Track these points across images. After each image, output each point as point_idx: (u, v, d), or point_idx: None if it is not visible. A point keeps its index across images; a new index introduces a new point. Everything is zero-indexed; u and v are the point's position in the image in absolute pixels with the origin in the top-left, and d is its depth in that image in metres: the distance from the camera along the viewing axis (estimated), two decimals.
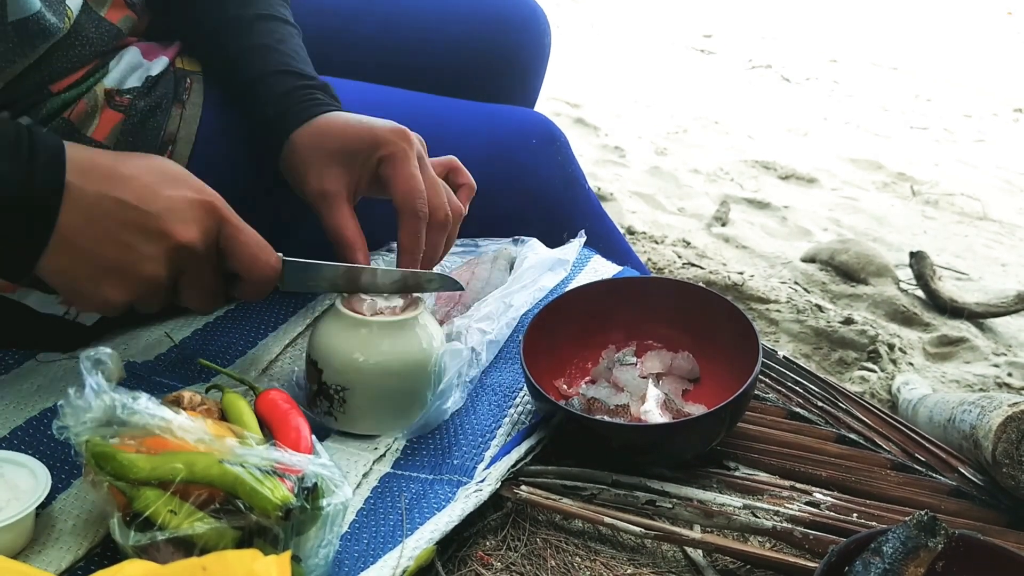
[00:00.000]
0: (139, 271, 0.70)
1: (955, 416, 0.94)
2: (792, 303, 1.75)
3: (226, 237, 0.74)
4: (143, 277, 0.70)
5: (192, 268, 0.73)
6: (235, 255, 0.75)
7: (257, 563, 0.54)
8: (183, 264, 0.72)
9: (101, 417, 0.62)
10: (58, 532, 0.68)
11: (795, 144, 3.14)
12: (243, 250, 0.75)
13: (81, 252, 0.69)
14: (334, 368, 0.81)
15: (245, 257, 0.76)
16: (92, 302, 0.71)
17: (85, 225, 0.68)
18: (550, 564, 0.72)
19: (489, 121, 1.15)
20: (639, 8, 5.16)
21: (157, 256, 0.70)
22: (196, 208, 0.72)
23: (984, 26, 5.54)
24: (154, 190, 0.71)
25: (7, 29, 0.75)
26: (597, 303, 0.97)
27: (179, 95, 0.92)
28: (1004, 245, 2.40)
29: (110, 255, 0.69)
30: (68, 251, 0.68)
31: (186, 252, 0.71)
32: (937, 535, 0.64)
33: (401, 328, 0.82)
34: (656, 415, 0.85)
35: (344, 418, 0.83)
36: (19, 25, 0.75)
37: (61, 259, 0.69)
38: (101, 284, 0.70)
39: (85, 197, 0.68)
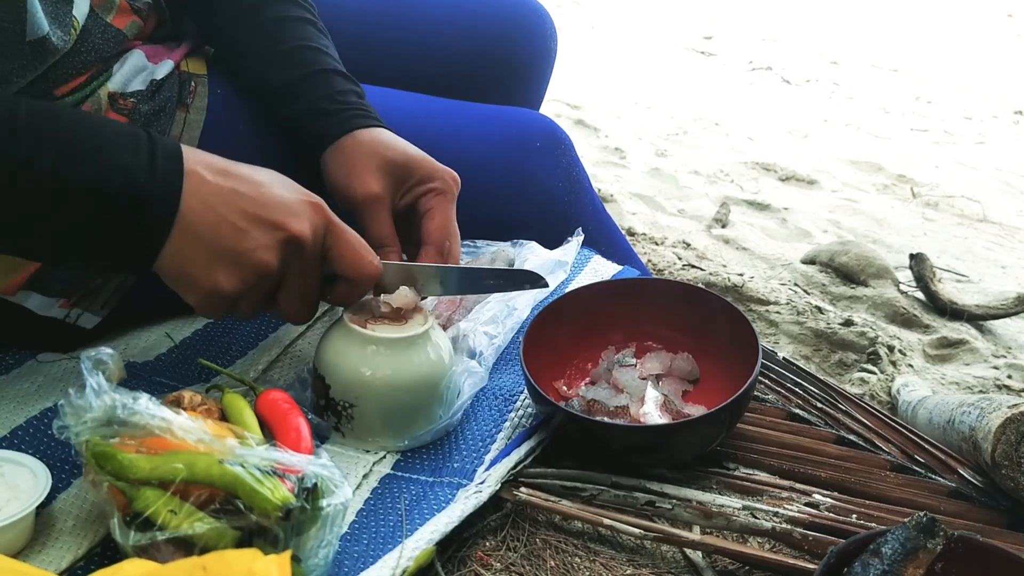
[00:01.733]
0: (252, 258, 0.72)
1: (954, 418, 0.94)
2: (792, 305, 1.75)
3: (332, 236, 0.77)
4: (255, 264, 0.72)
5: (300, 263, 0.75)
6: (341, 255, 0.77)
7: (257, 563, 0.54)
8: (292, 257, 0.74)
9: (101, 417, 0.62)
10: (58, 532, 0.68)
11: (795, 146, 3.14)
12: (349, 252, 0.77)
13: (199, 237, 0.71)
14: (342, 383, 0.81)
15: (351, 257, 0.78)
16: (203, 288, 0.72)
17: (204, 210, 0.71)
18: (549, 565, 0.72)
19: (493, 123, 1.15)
20: (639, 10, 5.16)
21: (270, 245, 0.72)
22: (307, 206, 0.75)
23: (984, 28, 5.54)
24: (268, 186, 0.74)
25: (24, 49, 0.76)
26: (597, 304, 0.97)
27: (183, 99, 0.92)
28: (1004, 247, 2.40)
29: (226, 240, 0.71)
30: (187, 236, 0.70)
31: (297, 244, 0.73)
32: (936, 536, 0.64)
33: (410, 344, 0.81)
34: (655, 416, 0.85)
35: (352, 433, 0.82)
36: (36, 44, 0.77)
37: (181, 245, 0.71)
38: (214, 269, 0.71)
39: (205, 184, 0.71)
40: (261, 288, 0.75)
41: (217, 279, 0.72)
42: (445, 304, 1.01)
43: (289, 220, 0.73)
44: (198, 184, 0.71)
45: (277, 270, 0.74)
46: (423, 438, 0.83)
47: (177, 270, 0.72)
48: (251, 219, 0.72)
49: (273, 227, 0.73)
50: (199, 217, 0.71)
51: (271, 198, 0.74)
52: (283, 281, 0.76)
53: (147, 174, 0.69)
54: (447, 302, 1.01)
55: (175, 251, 0.71)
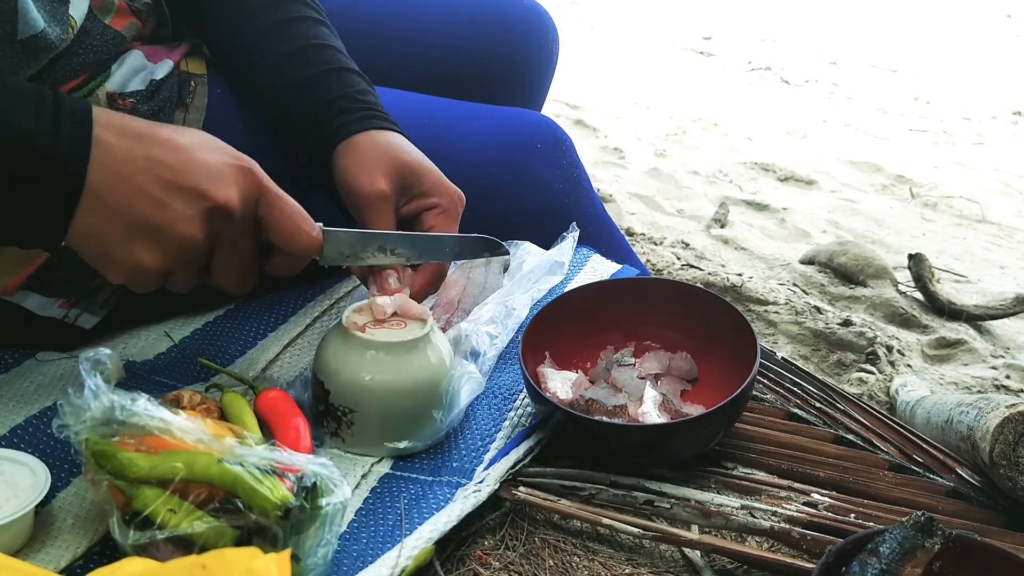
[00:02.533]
0: (174, 232, 0.67)
1: (953, 417, 0.94)
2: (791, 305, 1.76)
3: (266, 204, 0.72)
4: (178, 238, 0.67)
5: (229, 234, 0.70)
6: (275, 224, 0.72)
7: (256, 561, 0.54)
8: (220, 228, 0.69)
9: (100, 418, 0.62)
10: (57, 530, 0.68)
11: (794, 146, 3.14)
12: (284, 219, 0.73)
13: (112, 211, 0.65)
14: (341, 389, 0.80)
15: (286, 226, 0.73)
16: (123, 267, 0.68)
17: (116, 182, 0.65)
18: (548, 564, 0.72)
19: (494, 124, 1.15)
20: (639, 10, 5.16)
21: (193, 215, 0.67)
22: (235, 172, 0.70)
23: (983, 29, 5.55)
24: (190, 152, 0.68)
25: (16, 47, 0.75)
26: (596, 304, 0.97)
27: (183, 99, 0.92)
28: (1002, 247, 2.40)
29: (143, 213, 0.66)
30: (98, 210, 0.65)
31: (224, 214, 0.68)
32: (934, 536, 0.64)
33: (410, 348, 0.80)
34: (654, 416, 0.85)
35: (352, 439, 0.81)
36: (27, 42, 0.76)
37: (91, 219, 0.65)
38: (134, 246, 0.66)
39: (115, 153, 0.66)
40: (189, 262, 0.70)
41: (137, 256, 0.67)
42: (443, 306, 1.01)
43: (214, 187, 0.67)
44: (108, 151, 0.65)
45: (204, 243, 0.69)
46: (421, 444, 0.83)
47: (92, 247, 0.67)
48: (170, 188, 0.66)
49: (196, 196, 0.67)
50: (110, 188, 0.65)
51: (193, 164, 0.68)
52: (214, 252, 0.71)
53: (50, 140, 0.64)
54: (445, 304, 1.01)
55: (86, 226, 0.66)
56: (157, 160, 0.67)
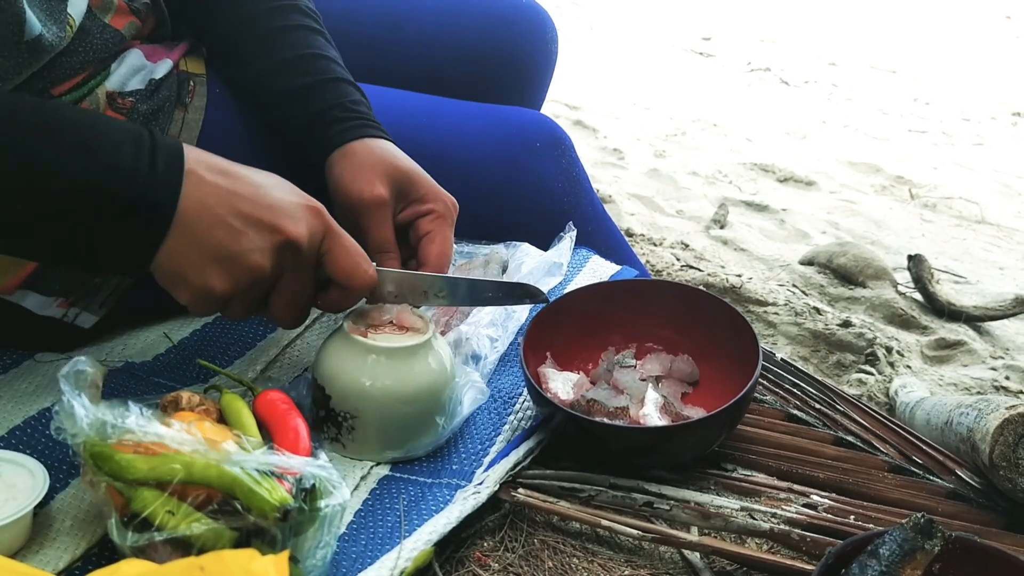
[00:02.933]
0: (246, 260, 0.71)
1: (952, 419, 0.94)
2: (790, 306, 1.75)
3: (330, 242, 0.76)
4: (248, 266, 0.71)
5: (294, 267, 0.74)
6: (337, 261, 0.76)
7: (255, 563, 0.54)
8: (287, 261, 0.73)
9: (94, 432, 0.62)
10: (56, 532, 0.68)
11: (794, 147, 3.14)
12: (345, 257, 0.77)
13: (194, 237, 0.70)
14: (342, 394, 0.80)
15: (346, 264, 0.77)
16: (194, 289, 0.72)
17: (201, 211, 0.70)
18: (547, 565, 0.72)
19: (493, 123, 1.15)
20: (638, 11, 5.16)
21: (265, 248, 0.72)
22: (305, 210, 0.74)
23: (982, 30, 5.55)
24: (267, 189, 0.74)
25: (21, 48, 0.76)
26: (596, 305, 0.97)
27: (182, 98, 0.92)
28: (1002, 248, 2.40)
29: (221, 241, 0.70)
30: (183, 236, 0.70)
31: (293, 249, 0.73)
32: (934, 537, 0.64)
33: (412, 353, 0.80)
34: (655, 418, 0.85)
35: (353, 445, 0.81)
36: (32, 43, 0.77)
37: (176, 244, 0.70)
38: (208, 271, 0.71)
39: (203, 184, 0.70)
40: (253, 290, 0.74)
41: (209, 279, 0.71)
42: (442, 309, 1.00)
43: (286, 223, 0.72)
44: (197, 183, 0.70)
45: (271, 274, 0.73)
46: (422, 451, 0.82)
47: (171, 269, 0.71)
48: (248, 221, 0.71)
49: (270, 230, 0.72)
50: (196, 217, 0.70)
51: (269, 200, 0.73)
52: (276, 284, 0.75)
53: (147, 174, 0.69)
54: (443, 307, 1.01)
55: (171, 251, 0.70)
56: (238, 194, 0.72)
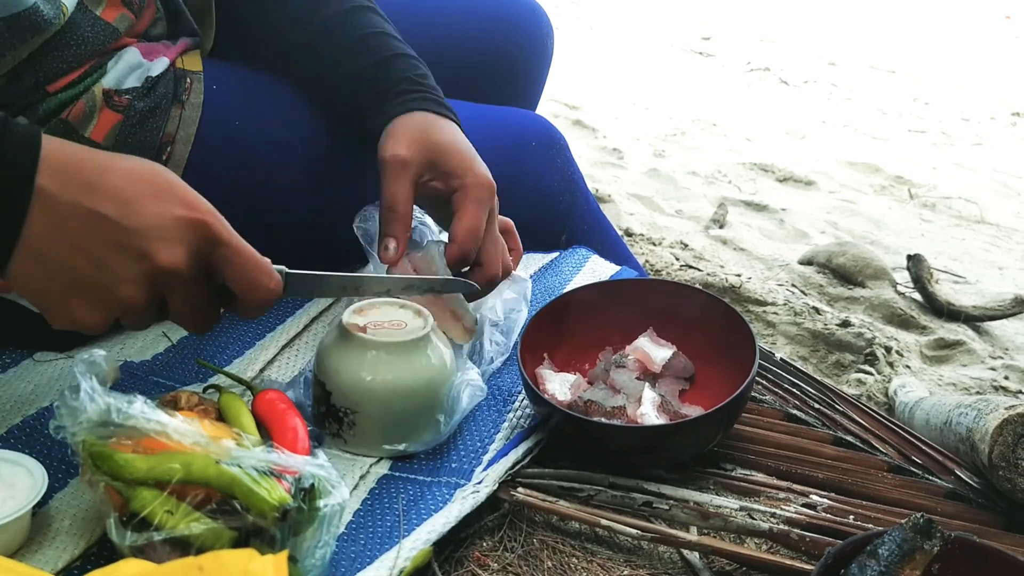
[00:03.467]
0: (114, 293, 0.63)
1: (951, 419, 0.94)
2: (789, 305, 1.75)
3: (221, 258, 0.67)
4: (119, 300, 0.64)
5: (178, 292, 0.67)
6: (232, 278, 0.69)
7: (253, 563, 0.54)
8: (167, 288, 0.66)
9: (96, 421, 0.62)
10: (54, 531, 0.68)
11: (793, 147, 3.14)
12: (240, 274, 0.69)
13: (50, 265, 0.62)
14: (342, 389, 0.80)
15: (243, 281, 0.69)
16: (63, 320, 0.65)
17: (55, 236, 0.62)
18: (546, 565, 0.72)
19: (488, 122, 1.15)
20: (638, 10, 5.16)
21: (135, 279, 0.64)
22: (184, 227, 0.65)
23: (982, 30, 5.55)
24: (138, 204, 0.63)
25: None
26: (594, 305, 0.97)
27: (179, 96, 0.92)
28: (1001, 248, 2.40)
29: (82, 272, 0.62)
30: (36, 262, 0.62)
31: (169, 276, 0.65)
32: (933, 538, 0.64)
33: (411, 347, 0.80)
34: (652, 417, 0.85)
35: (354, 440, 0.81)
36: (11, 20, 0.75)
37: (28, 268, 0.62)
38: (71, 301, 0.64)
39: (57, 205, 0.61)
40: (133, 318, 0.66)
41: (74, 311, 0.64)
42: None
43: (158, 249, 0.63)
44: (49, 204, 0.61)
45: (148, 301, 0.65)
46: (423, 447, 0.82)
47: (31, 294, 0.64)
48: (112, 248, 0.62)
49: (139, 257, 0.63)
50: (48, 243, 0.61)
51: (139, 219, 0.63)
52: (166, 301, 0.68)
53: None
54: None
55: (23, 275, 0.63)
56: (101, 215, 0.62)
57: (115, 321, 0.67)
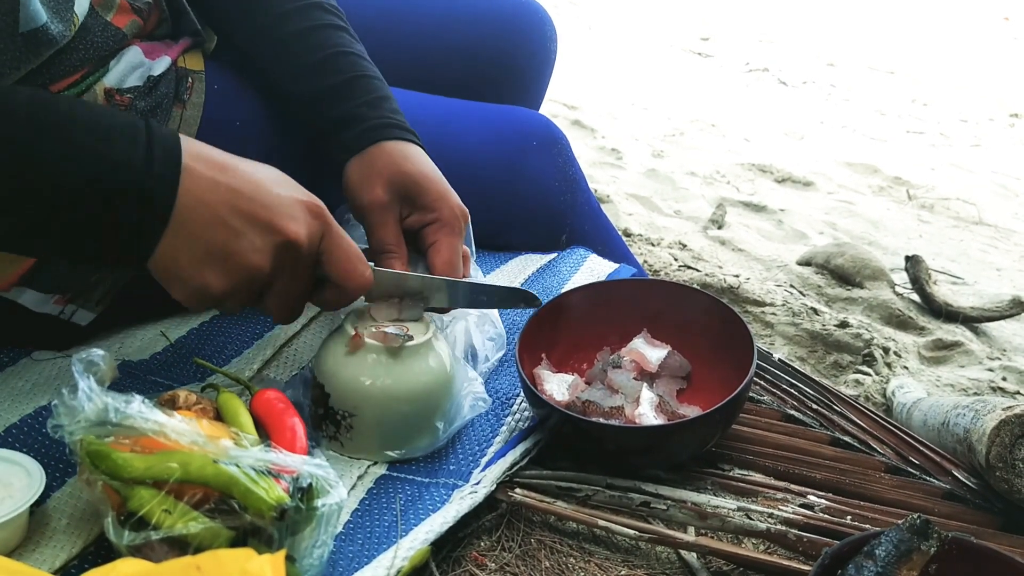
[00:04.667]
0: (244, 260, 0.70)
1: (949, 420, 0.94)
2: (787, 306, 1.75)
3: (329, 242, 0.75)
4: (246, 266, 0.70)
5: (292, 267, 0.73)
6: (334, 262, 0.75)
7: (251, 562, 0.54)
8: (286, 261, 0.72)
9: (94, 420, 0.62)
10: (52, 530, 0.68)
11: (792, 147, 3.14)
12: (343, 260, 0.76)
13: (192, 235, 0.68)
14: (341, 392, 0.80)
15: (343, 266, 0.76)
16: (190, 286, 0.70)
17: (199, 207, 0.68)
18: (544, 565, 0.72)
19: (490, 122, 1.15)
20: (637, 11, 5.16)
21: (264, 248, 0.70)
22: (305, 210, 0.73)
23: (981, 31, 5.55)
24: (267, 186, 0.72)
25: (17, 40, 0.75)
26: (593, 305, 0.97)
27: (180, 95, 0.92)
28: (999, 249, 2.40)
29: (219, 240, 0.69)
30: (181, 233, 0.68)
31: (292, 249, 0.71)
32: (930, 538, 0.64)
33: (412, 352, 0.80)
34: (650, 417, 0.85)
35: (351, 444, 0.81)
36: (28, 36, 0.76)
37: (173, 241, 0.68)
38: (204, 269, 0.69)
39: (201, 180, 0.69)
40: (250, 288, 0.72)
41: (206, 278, 0.70)
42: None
43: (286, 223, 0.71)
44: (195, 179, 0.69)
45: (269, 273, 0.72)
46: (420, 452, 0.82)
47: (167, 266, 0.70)
48: (247, 219, 0.70)
49: (269, 229, 0.70)
50: (194, 214, 0.68)
51: (269, 198, 0.71)
52: (273, 282, 0.74)
53: (143, 168, 0.67)
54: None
55: (167, 247, 0.69)
56: (237, 191, 0.70)
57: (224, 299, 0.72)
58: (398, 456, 0.81)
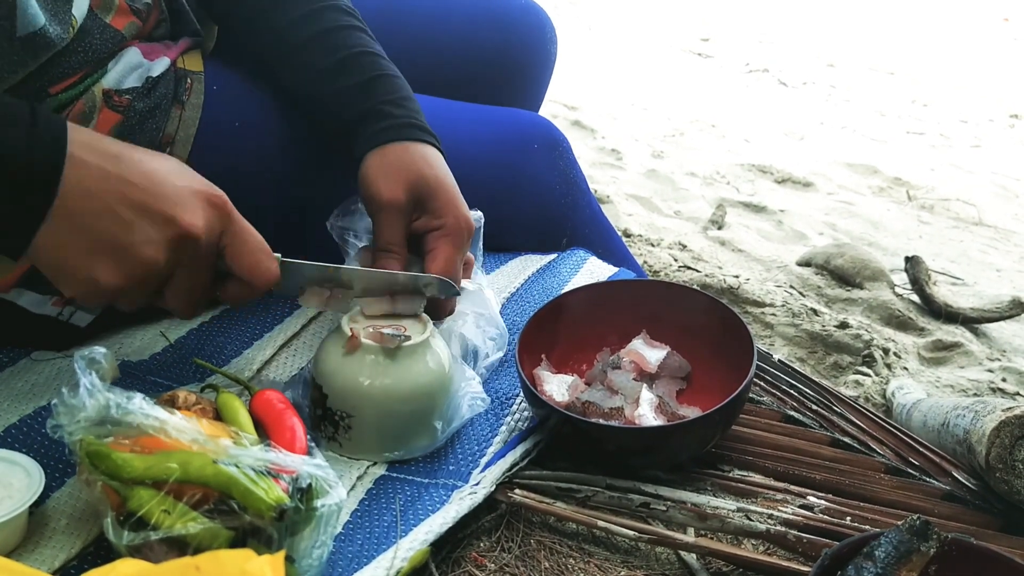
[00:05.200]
0: (137, 254, 0.67)
1: (949, 421, 0.94)
2: (787, 307, 1.75)
3: (231, 235, 0.72)
4: (140, 261, 0.67)
5: (190, 262, 0.70)
6: (237, 256, 0.73)
7: (250, 563, 0.54)
8: (183, 255, 0.69)
9: (95, 417, 0.62)
10: (51, 531, 0.68)
11: (791, 148, 3.14)
12: (246, 254, 0.73)
13: (78, 226, 0.65)
14: (339, 393, 0.80)
15: (247, 259, 0.73)
16: (79, 282, 0.67)
17: (86, 197, 0.65)
18: (544, 566, 0.72)
19: (491, 124, 1.15)
20: (636, 11, 5.16)
21: (158, 240, 0.67)
22: (204, 201, 0.70)
23: (981, 32, 5.55)
24: (163, 176, 0.69)
25: (15, 44, 0.75)
26: (592, 306, 0.97)
27: (179, 96, 0.91)
28: (999, 250, 2.40)
29: (109, 232, 0.66)
30: (65, 224, 0.65)
31: (190, 242, 0.68)
32: (930, 539, 0.64)
33: (410, 352, 0.80)
34: (650, 418, 0.85)
35: (349, 444, 0.81)
36: (26, 39, 0.76)
37: (57, 232, 0.65)
38: (94, 263, 0.66)
39: (88, 170, 0.66)
40: (146, 284, 0.69)
41: (96, 272, 0.66)
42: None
43: (182, 215, 0.68)
44: (82, 168, 0.65)
45: (165, 268, 0.68)
46: (419, 451, 0.82)
47: (52, 259, 0.67)
48: (138, 210, 0.66)
49: (164, 221, 0.67)
50: (80, 205, 0.65)
51: (164, 188, 0.68)
52: (170, 277, 0.71)
53: (24, 153, 0.64)
54: None
55: (51, 239, 0.65)
56: (129, 181, 0.67)
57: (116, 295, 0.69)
58: (397, 457, 0.81)
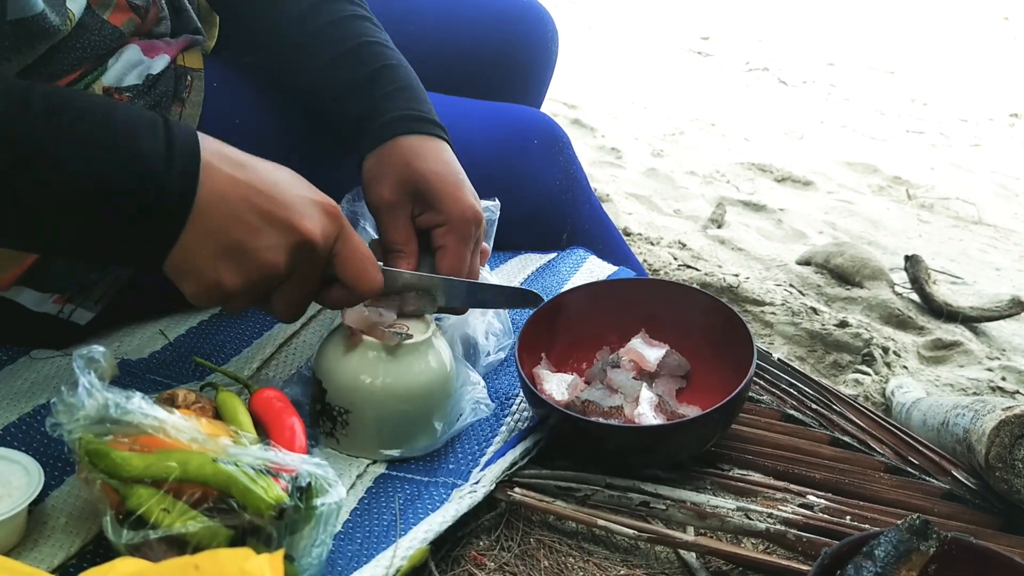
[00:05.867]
0: (259, 257, 0.69)
1: (949, 420, 0.94)
2: (787, 306, 1.75)
3: (342, 244, 0.75)
4: (261, 264, 0.70)
5: (306, 267, 0.72)
6: (347, 264, 0.75)
7: (250, 562, 0.54)
8: (300, 261, 0.72)
9: (94, 415, 0.62)
10: (50, 529, 0.68)
11: (791, 147, 3.14)
12: (355, 263, 0.75)
13: (210, 231, 0.68)
14: (338, 388, 0.80)
15: (356, 267, 0.76)
16: (203, 283, 0.69)
17: (218, 203, 0.68)
18: (543, 565, 0.72)
19: (492, 120, 1.15)
20: (637, 10, 5.16)
21: (280, 246, 0.70)
22: (321, 210, 0.73)
23: (981, 31, 5.55)
24: (284, 185, 0.72)
25: (5, 28, 0.75)
26: (592, 305, 0.97)
27: (179, 93, 0.91)
28: (999, 249, 2.40)
29: (237, 236, 0.68)
30: (198, 229, 0.68)
31: (307, 248, 0.71)
32: (929, 538, 0.64)
33: (411, 351, 0.80)
34: (650, 417, 0.85)
35: (347, 440, 0.81)
36: (18, 24, 0.75)
37: (190, 238, 0.68)
38: (219, 265, 0.69)
39: (220, 177, 0.68)
40: (263, 287, 0.72)
41: (220, 275, 0.69)
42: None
43: (303, 222, 0.70)
44: (214, 176, 0.68)
45: (283, 272, 0.71)
46: (418, 451, 0.82)
47: (183, 262, 0.69)
48: (265, 217, 0.69)
49: (287, 228, 0.70)
50: (213, 210, 0.68)
51: (287, 197, 0.71)
52: (284, 281, 0.73)
53: (164, 163, 0.66)
54: None
55: (185, 244, 0.68)
56: (256, 189, 0.70)
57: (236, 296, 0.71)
58: (395, 455, 0.81)
